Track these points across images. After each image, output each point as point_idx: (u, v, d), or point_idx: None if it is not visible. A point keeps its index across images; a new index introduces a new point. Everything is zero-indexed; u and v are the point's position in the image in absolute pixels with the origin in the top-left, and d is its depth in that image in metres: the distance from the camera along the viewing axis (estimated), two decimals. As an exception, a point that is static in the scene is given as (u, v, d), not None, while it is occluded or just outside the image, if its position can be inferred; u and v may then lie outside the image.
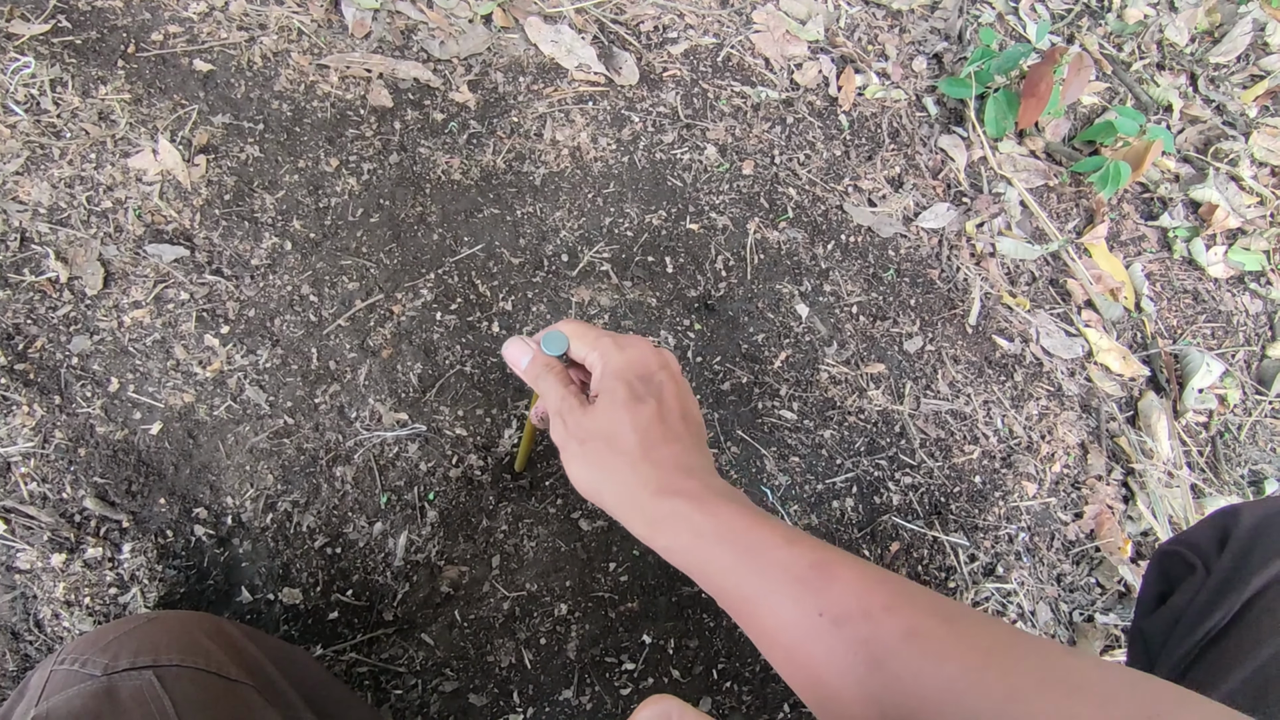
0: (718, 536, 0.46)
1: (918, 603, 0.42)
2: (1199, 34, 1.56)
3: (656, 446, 0.50)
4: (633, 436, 0.50)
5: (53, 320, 0.91)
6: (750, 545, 0.45)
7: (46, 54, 1.03)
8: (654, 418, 0.51)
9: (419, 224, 1.07)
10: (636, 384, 0.52)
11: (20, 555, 0.79)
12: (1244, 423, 1.23)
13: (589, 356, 0.55)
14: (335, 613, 0.85)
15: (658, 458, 0.49)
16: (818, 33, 1.36)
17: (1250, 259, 1.34)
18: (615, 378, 0.52)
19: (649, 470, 0.49)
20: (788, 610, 0.43)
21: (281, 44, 1.14)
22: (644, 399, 0.51)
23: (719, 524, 0.46)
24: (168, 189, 1.00)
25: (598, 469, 0.51)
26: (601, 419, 0.51)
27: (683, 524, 0.47)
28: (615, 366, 0.53)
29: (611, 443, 0.50)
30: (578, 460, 0.52)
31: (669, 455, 0.50)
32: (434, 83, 1.17)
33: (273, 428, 0.92)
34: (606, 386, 0.52)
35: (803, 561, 0.44)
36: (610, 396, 0.51)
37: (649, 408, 0.51)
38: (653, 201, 1.16)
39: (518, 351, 0.58)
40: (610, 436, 0.50)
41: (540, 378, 0.56)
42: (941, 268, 1.22)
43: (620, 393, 0.51)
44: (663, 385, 0.53)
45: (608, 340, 0.55)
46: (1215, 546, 0.68)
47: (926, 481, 1.06)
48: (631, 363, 0.53)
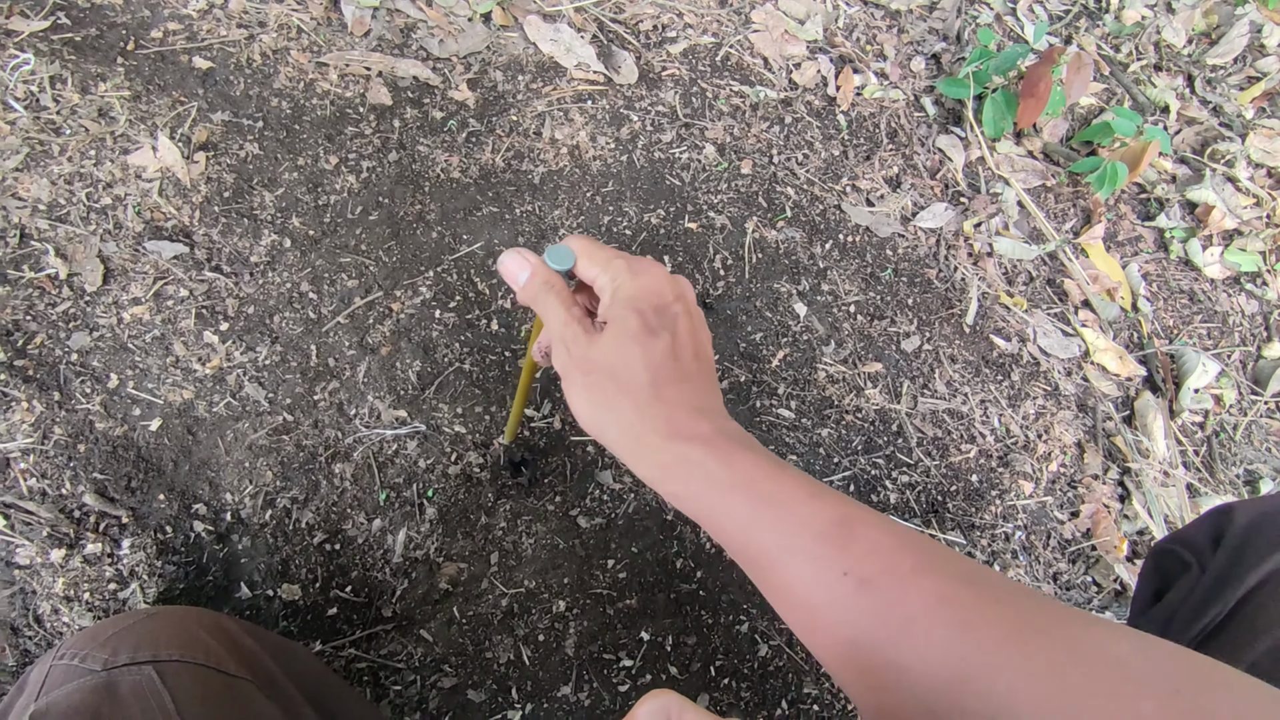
0: (733, 485, 0.43)
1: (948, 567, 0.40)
2: (1196, 35, 1.56)
3: (667, 385, 0.46)
4: (643, 373, 0.46)
5: (52, 317, 0.91)
6: (769, 496, 0.42)
7: (46, 51, 1.03)
8: (666, 353, 0.46)
9: (418, 222, 1.07)
10: (649, 314, 0.47)
11: (20, 551, 0.79)
12: (1239, 422, 1.23)
13: (599, 279, 0.49)
14: (334, 609, 0.86)
15: (669, 397, 0.46)
16: (816, 33, 1.37)
17: (1246, 260, 1.34)
18: (627, 305, 0.47)
19: (659, 410, 0.45)
20: (809, 569, 0.41)
21: (281, 42, 1.14)
22: (656, 332, 0.47)
23: (735, 472, 0.43)
24: (167, 186, 1.00)
25: (602, 405, 0.46)
26: (609, 350, 0.46)
27: (695, 470, 0.44)
28: (628, 293, 0.48)
29: (618, 378, 0.46)
30: (581, 393, 0.47)
31: (680, 395, 0.46)
32: (433, 81, 1.17)
33: (272, 424, 0.92)
34: (616, 314, 0.47)
35: (826, 516, 0.41)
36: (620, 326, 0.47)
37: (661, 342, 0.46)
38: (651, 200, 1.16)
39: (515, 265, 0.52)
40: (617, 371, 0.46)
41: (540, 297, 0.50)
42: (939, 267, 1.22)
43: (631, 323, 0.46)
44: (677, 318, 0.48)
45: (620, 262, 0.49)
46: (1210, 544, 0.68)
47: (924, 480, 1.06)
48: (645, 290, 0.48)
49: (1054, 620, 0.37)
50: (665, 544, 0.96)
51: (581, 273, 0.51)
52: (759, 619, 0.94)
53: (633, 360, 0.46)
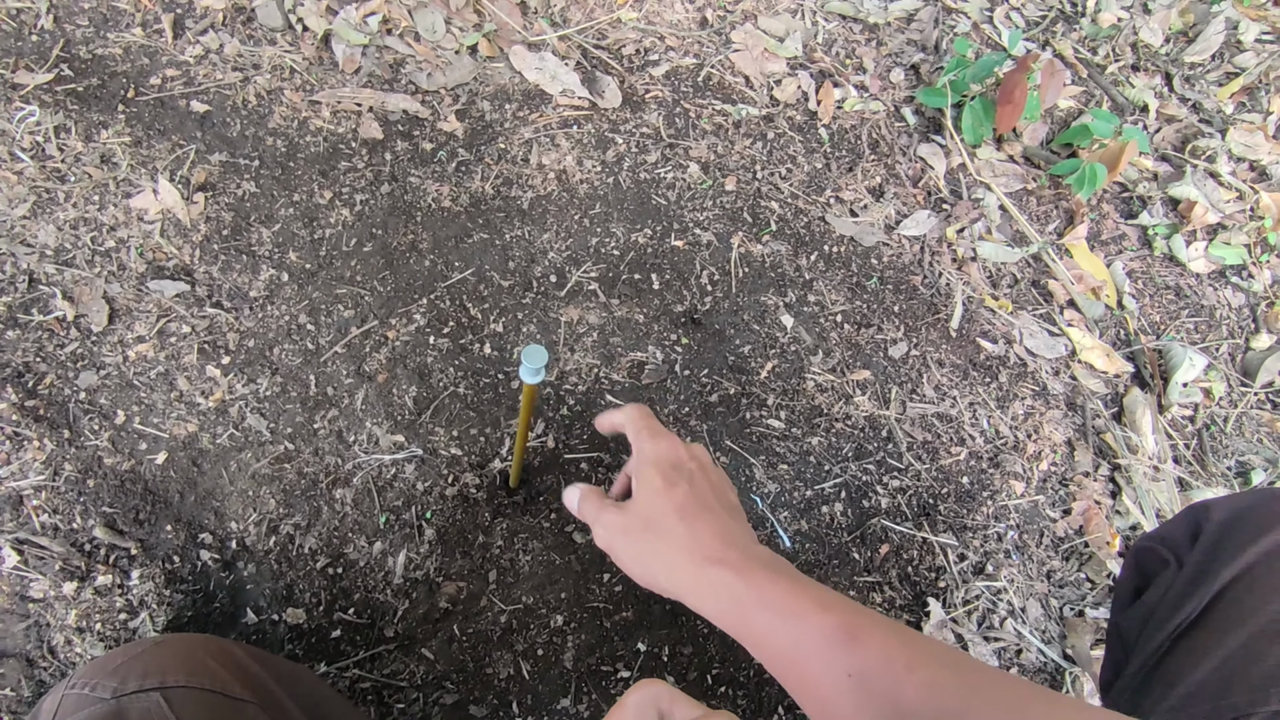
0: (758, 603, 0.50)
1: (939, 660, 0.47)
2: (1173, 34, 1.58)
3: (694, 520, 0.54)
4: (672, 514, 0.54)
5: (61, 357, 0.94)
6: (787, 611, 0.50)
7: (50, 102, 1.07)
8: (688, 495, 0.55)
9: (411, 251, 1.10)
10: (669, 470, 0.57)
11: (34, 585, 0.82)
12: (1229, 415, 1.24)
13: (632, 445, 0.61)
14: (338, 631, 0.88)
15: (697, 530, 0.54)
16: (796, 49, 1.40)
17: (1231, 253, 1.35)
18: (649, 465, 0.58)
19: (690, 541, 0.53)
20: (820, 670, 0.48)
21: (275, 82, 1.18)
22: (676, 482, 0.56)
23: (760, 592, 0.51)
24: (168, 227, 1.04)
25: (645, 552, 0.55)
26: (639, 506, 0.56)
27: (725, 591, 0.51)
28: (648, 455, 0.58)
29: (653, 525, 0.55)
30: (625, 551, 0.56)
31: (707, 526, 0.54)
32: (422, 113, 1.21)
33: (274, 453, 0.95)
34: (642, 474, 0.57)
35: (833, 624, 0.48)
36: (646, 483, 0.57)
37: (681, 489, 0.56)
38: (638, 220, 1.19)
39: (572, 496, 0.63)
40: (649, 519, 0.55)
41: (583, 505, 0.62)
42: (924, 274, 1.24)
43: (656, 479, 0.56)
44: (692, 471, 0.58)
45: (646, 433, 0.60)
46: (1188, 541, 0.70)
47: (914, 484, 1.08)
48: (661, 453, 0.58)
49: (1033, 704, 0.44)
50: (660, 556, 0.98)
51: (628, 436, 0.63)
52: (754, 627, 0.96)
53: (660, 506, 0.55)
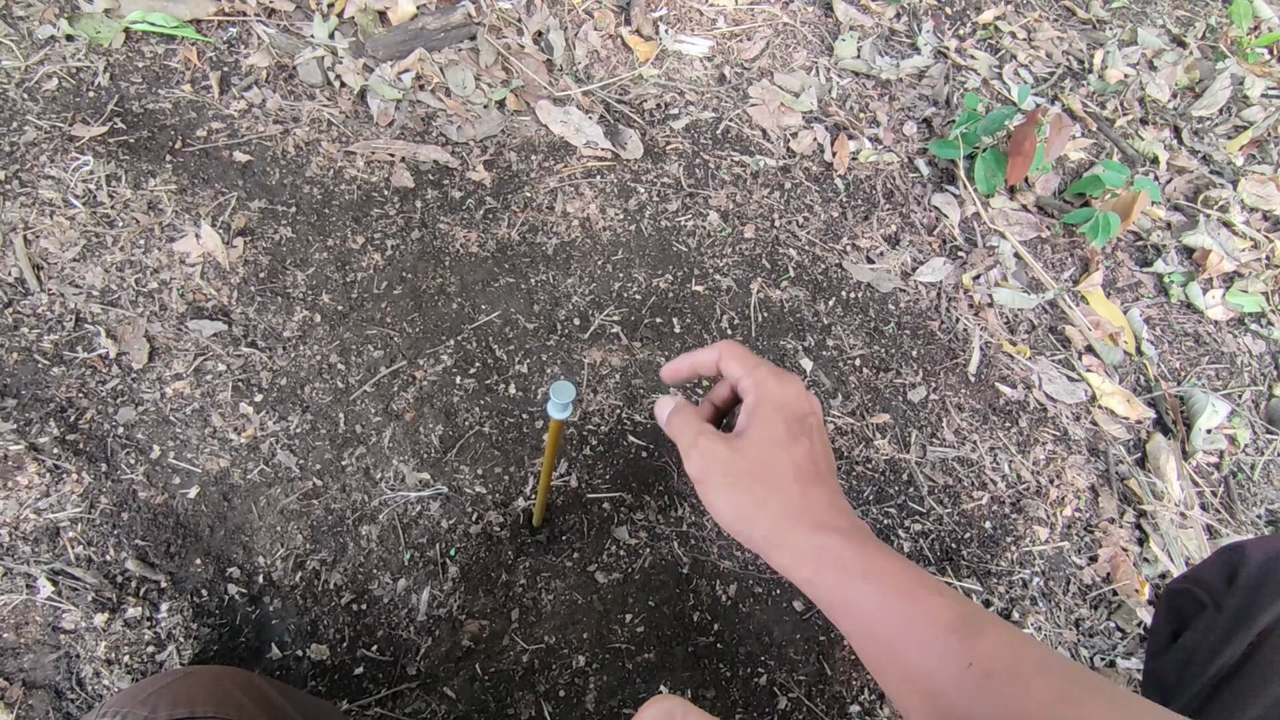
0: (867, 575, 0.47)
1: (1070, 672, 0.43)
2: (1180, 90, 1.62)
3: (809, 484, 0.51)
4: (790, 473, 0.50)
5: (102, 393, 0.97)
6: (900, 588, 0.46)
7: (103, 152, 1.13)
8: (806, 457, 0.51)
9: (439, 294, 1.14)
10: (794, 421, 0.52)
11: (66, 616, 0.83)
12: (1256, 462, 1.23)
13: (743, 380, 0.55)
14: (361, 668, 0.88)
15: (811, 495, 0.50)
16: (811, 104, 1.45)
17: (1249, 301, 1.36)
18: (774, 409, 0.52)
19: (803, 504, 0.50)
20: (934, 657, 0.44)
21: (313, 134, 1.24)
22: (798, 438, 0.52)
23: (869, 563, 0.47)
24: (208, 269, 1.08)
25: (750, 504, 0.50)
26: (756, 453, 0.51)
27: (830, 559, 0.48)
28: (775, 399, 0.53)
29: (766, 478, 0.50)
30: (723, 493, 0.51)
31: (820, 494, 0.51)
32: (452, 164, 1.26)
33: (302, 490, 0.96)
34: (764, 417, 0.52)
35: (954, 612, 0.45)
36: (767, 430, 0.52)
37: (803, 447, 0.52)
38: (659, 266, 1.22)
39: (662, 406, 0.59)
40: (764, 472, 0.51)
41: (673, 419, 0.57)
42: (941, 319, 1.26)
43: (779, 428, 0.52)
44: (814, 428, 0.54)
45: (765, 370, 0.54)
46: (1224, 583, 0.69)
47: (936, 528, 1.08)
48: (788, 399, 0.53)
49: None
50: (682, 598, 0.97)
51: (726, 371, 0.56)
52: (777, 671, 0.95)
53: (779, 462, 0.51)
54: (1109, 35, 1.68)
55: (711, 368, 0.57)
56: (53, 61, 1.21)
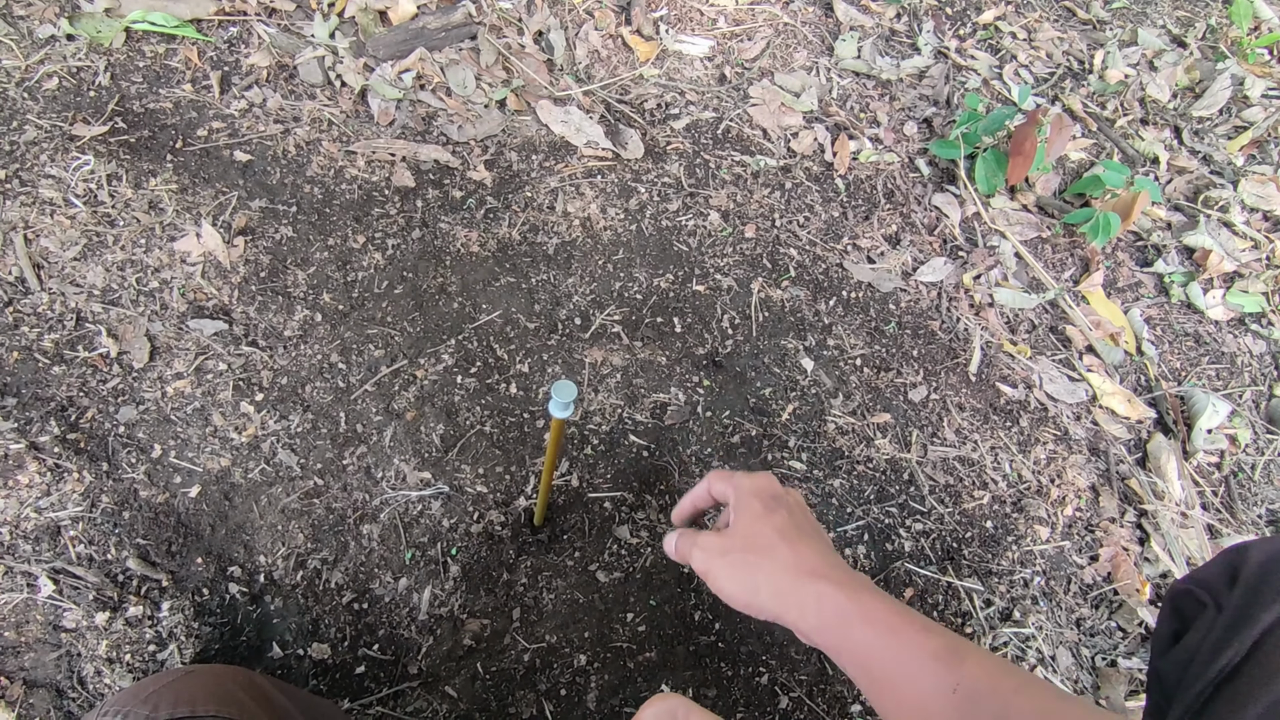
0: (862, 619, 0.52)
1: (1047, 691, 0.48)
2: (1180, 90, 1.63)
3: (795, 541, 0.57)
4: (775, 535, 0.58)
5: (103, 392, 0.97)
6: (891, 628, 0.52)
7: (104, 152, 1.13)
8: (787, 521, 0.59)
9: (440, 294, 1.14)
10: (768, 499, 0.61)
11: (67, 615, 0.83)
12: (1257, 462, 1.23)
13: (726, 492, 0.64)
14: (362, 666, 0.88)
15: (799, 549, 0.57)
16: (811, 104, 1.45)
17: (1249, 301, 1.36)
18: (750, 495, 0.61)
19: (794, 559, 0.56)
20: (926, 685, 0.49)
21: (313, 134, 1.24)
22: (775, 509, 0.60)
23: (863, 608, 0.53)
24: (209, 269, 1.08)
25: (747, 572, 0.57)
26: (741, 530, 0.59)
27: (829, 605, 0.53)
28: (747, 488, 0.62)
29: (753, 546, 0.58)
30: (726, 573, 0.58)
31: (810, 547, 0.57)
32: (453, 163, 1.26)
33: (303, 489, 0.96)
34: (743, 503, 0.61)
35: (939, 644, 0.50)
36: (747, 510, 0.60)
37: (780, 515, 0.59)
38: (660, 266, 1.22)
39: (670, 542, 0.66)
40: (751, 541, 0.58)
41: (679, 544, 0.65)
42: (942, 319, 1.26)
43: (756, 506, 0.60)
44: (789, 502, 0.62)
45: (741, 475, 0.64)
46: (1226, 584, 0.69)
47: (937, 527, 1.08)
48: (760, 485, 0.62)
49: None
50: (683, 597, 0.97)
51: (716, 494, 0.66)
52: (779, 670, 0.95)
53: (763, 529, 0.59)
54: (1109, 35, 1.69)
55: (706, 497, 0.67)
56: (53, 61, 1.21)
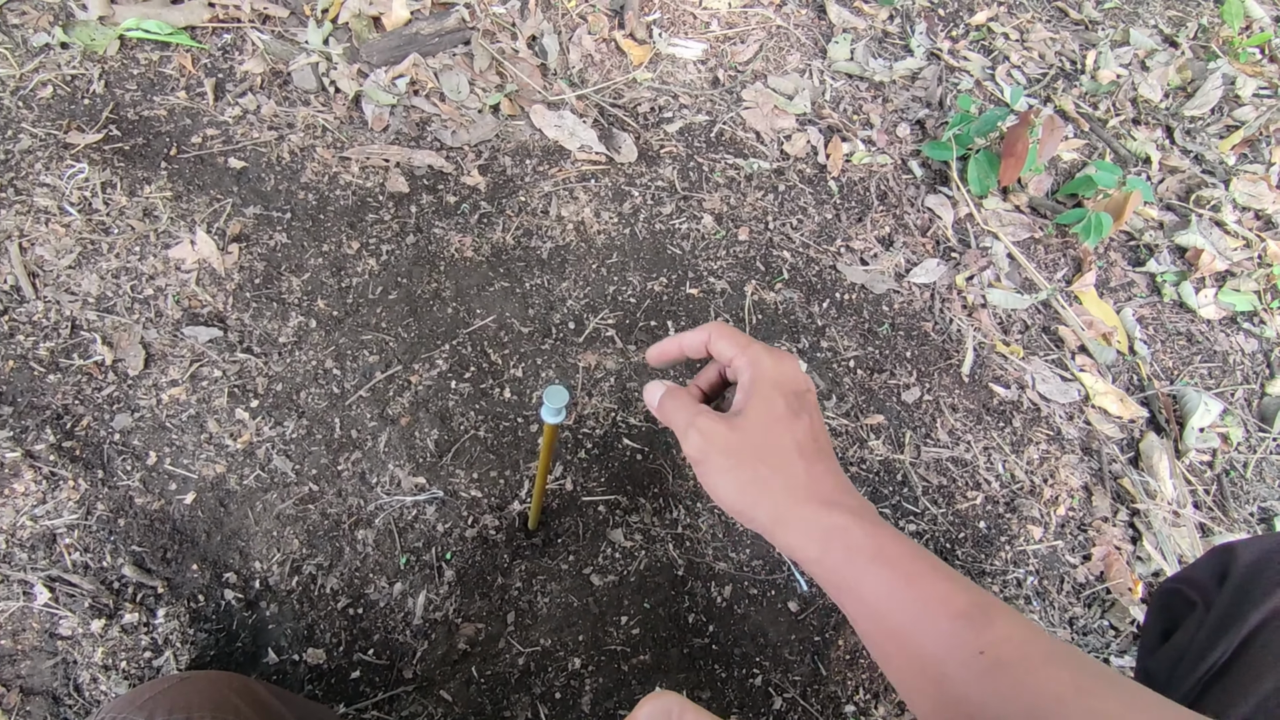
0: (875, 556, 0.45)
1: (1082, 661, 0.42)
2: (1172, 90, 1.63)
3: (813, 460, 0.49)
4: (792, 448, 0.49)
5: (98, 400, 0.98)
6: (910, 572, 0.45)
7: (99, 160, 1.13)
8: (808, 433, 0.50)
9: (434, 299, 1.14)
10: (793, 397, 0.51)
11: (63, 622, 0.84)
12: (1249, 460, 1.24)
13: (737, 359, 0.53)
14: (357, 672, 0.89)
15: (816, 471, 0.49)
16: (804, 106, 1.45)
17: (1241, 300, 1.37)
18: (772, 386, 0.51)
19: (808, 481, 0.48)
20: (944, 644, 0.43)
21: (307, 140, 1.25)
22: (799, 414, 0.50)
23: (879, 545, 0.46)
24: (204, 276, 1.09)
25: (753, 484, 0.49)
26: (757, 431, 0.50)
27: (839, 538, 0.46)
28: (772, 376, 0.51)
29: (768, 457, 0.49)
30: (725, 475, 0.50)
31: (826, 471, 0.50)
32: (447, 169, 1.27)
33: (298, 494, 0.97)
34: (762, 394, 0.50)
35: (965, 599, 0.44)
36: (767, 407, 0.50)
37: (804, 423, 0.50)
38: (654, 269, 1.23)
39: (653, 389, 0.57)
40: (767, 450, 0.49)
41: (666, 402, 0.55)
42: (935, 320, 1.26)
43: (778, 404, 0.50)
44: (811, 404, 0.52)
45: (759, 347, 0.52)
46: (1215, 583, 0.69)
47: (931, 528, 1.08)
48: (786, 376, 0.52)
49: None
50: (677, 599, 0.98)
51: (717, 352, 0.54)
52: (772, 671, 0.95)
53: (782, 439, 0.49)
54: (1101, 36, 1.69)
55: (701, 349, 0.55)
56: (47, 69, 1.21)
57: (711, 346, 0.55)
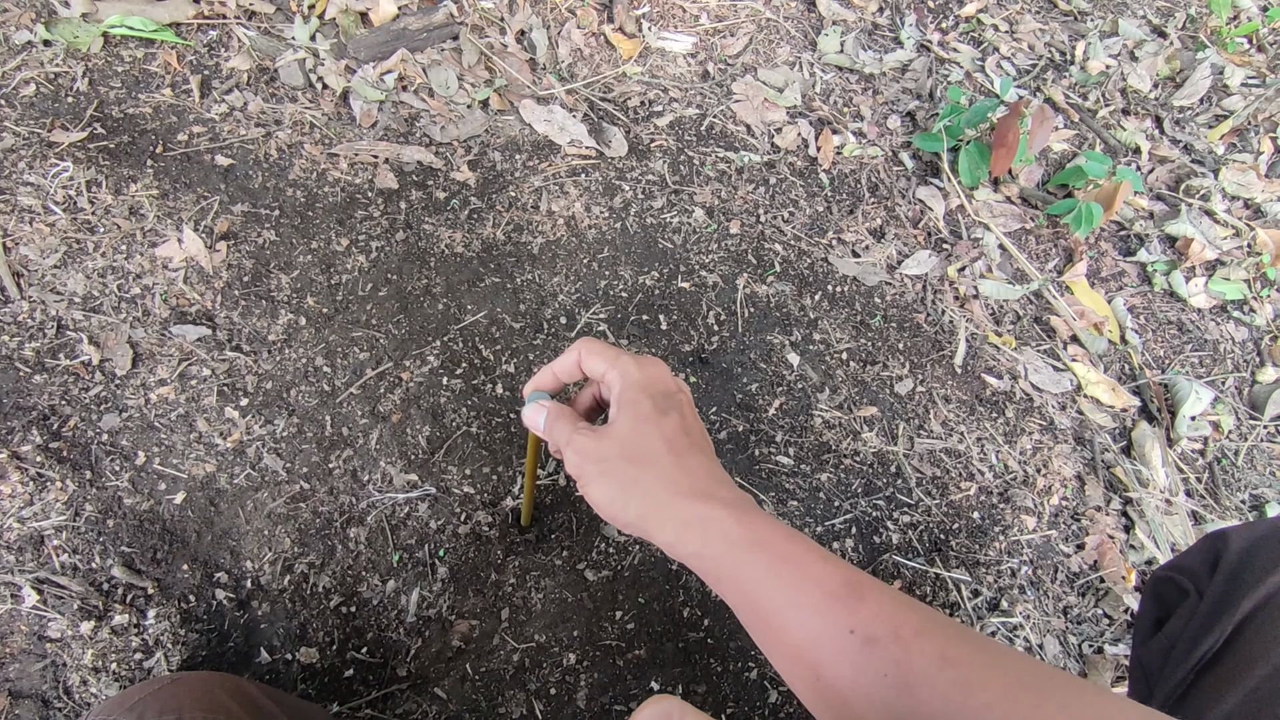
0: (751, 544, 0.46)
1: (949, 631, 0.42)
2: (1161, 80, 1.63)
3: (685, 455, 0.50)
4: (660, 445, 0.50)
5: (85, 400, 0.97)
6: (784, 556, 0.45)
7: (83, 158, 1.12)
8: (678, 428, 0.51)
9: (425, 295, 1.13)
10: (659, 398, 0.52)
11: (51, 624, 0.83)
12: (1240, 448, 1.24)
13: (607, 374, 0.55)
14: (350, 670, 0.88)
15: (687, 464, 0.50)
16: (795, 99, 1.45)
17: (1231, 288, 1.37)
18: (638, 391, 0.52)
19: (680, 476, 0.49)
20: (817, 625, 0.43)
21: (295, 137, 1.24)
22: (667, 411, 0.52)
23: (754, 533, 0.46)
24: (191, 274, 1.08)
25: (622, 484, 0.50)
26: (625, 433, 0.51)
27: (714, 529, 0.47)
28: (636, 381, 0.53)
29: (636, 456, 0.50)
30: (598, 482, 0.51)
31: (698, 463, 0.50)
32: (436, 164, 1.26)
33: (289, 493, 0.96)
34: (629, 399, 0.52)
35: (837, 578, 0.44)
36: (634, 409, 0.52)
37: (671, 420, 0.52)
38: (645, 263, 1.22)
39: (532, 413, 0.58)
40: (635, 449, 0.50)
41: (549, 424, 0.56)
42: (927, 312, 1.26)
43: (645, 406, 0.52)
44: (681, 403, 0.54)
45: (627, 358, 0.55)
46: (1207, 570, 0.70)
47: (925, 519, 1.08)
48: (652, 379, 0.54)
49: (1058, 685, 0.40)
50: (671, 594, 0.98)
51: (589, 369, 0.56)
52: (767, 665, 0.95)
53: (649, 436, 0.50)
54: (1090, 27, 1.69)
55: (575, 370, 0.57)
56: (30, 67, 1.20)
57: (583, 364, 0.56)
